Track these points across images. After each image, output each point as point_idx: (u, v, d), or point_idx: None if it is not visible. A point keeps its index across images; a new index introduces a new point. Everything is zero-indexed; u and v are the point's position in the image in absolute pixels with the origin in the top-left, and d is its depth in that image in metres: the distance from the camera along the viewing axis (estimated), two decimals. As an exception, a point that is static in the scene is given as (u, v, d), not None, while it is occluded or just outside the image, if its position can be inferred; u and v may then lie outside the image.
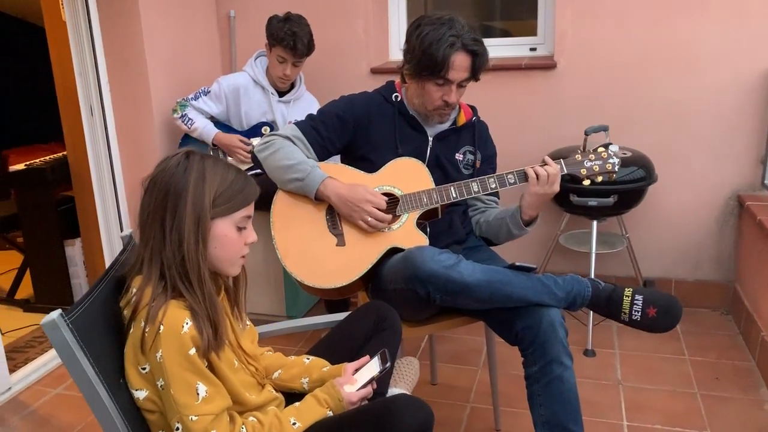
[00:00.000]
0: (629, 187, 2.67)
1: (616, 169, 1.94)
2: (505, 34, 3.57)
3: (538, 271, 3.11)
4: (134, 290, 1.27)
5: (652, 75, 2.91)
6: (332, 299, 2.51)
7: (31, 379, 2.65)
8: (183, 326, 1.21)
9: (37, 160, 3.37)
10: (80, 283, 3.33)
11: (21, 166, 3.31)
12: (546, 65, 3.00)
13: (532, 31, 3.23)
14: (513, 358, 1.84)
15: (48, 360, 2.76)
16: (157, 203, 1.25)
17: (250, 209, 1.35)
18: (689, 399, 2.41)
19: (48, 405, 2.50)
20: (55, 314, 1.13)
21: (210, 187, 1.26)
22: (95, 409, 1.17)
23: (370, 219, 1.91)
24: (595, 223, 2.80)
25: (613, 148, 2.79)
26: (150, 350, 1.21)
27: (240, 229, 1.34)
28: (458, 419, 2.35)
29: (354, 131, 2.06)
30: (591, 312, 2.67)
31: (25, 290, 3.46)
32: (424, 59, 1.89)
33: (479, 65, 1.94)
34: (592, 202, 2.68)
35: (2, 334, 2.89)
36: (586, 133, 2.77)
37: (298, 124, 2.07)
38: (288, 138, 2.01)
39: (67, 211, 3.28)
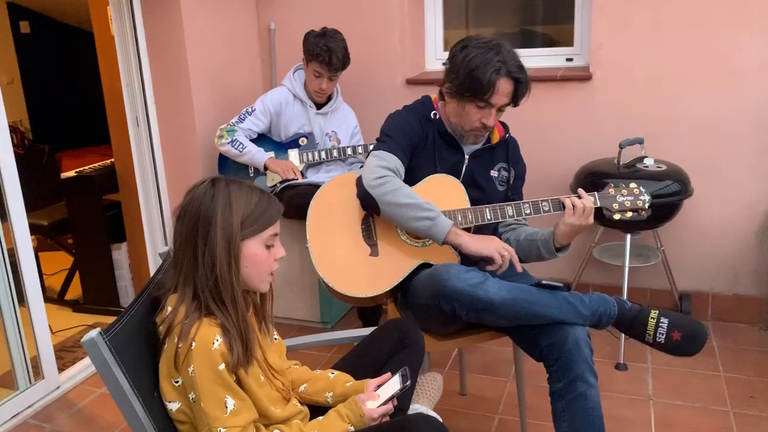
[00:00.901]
0: (664, 201, 2.65)
1: (647, 206, 1.95)
2: (546, 38, 3.57)
3: (573, 282, 3.13)
4: (169, 308, 1.35)
5: (689, 87, 2.88)
6: (363, 306, 2.57)
7: (79, 378, 2.78)
8: (213, 343, 1.28)
9: (87, 168, 3.52)
10: (126, 285, 3.47)
11: (72, 174, 3.46)
12: (581, 77, 3.00)
13: (572, 37, 3.22)
14: (541, 371, 1.86)
15: (94, 360, 2.90)
16: (188, 230, 1.33)
17: (276, 227, 1.42)
18: (721, 417, 2.39)
19: (93, 404, 2.63)
20: (94, 333, 1.21)
21: (237, 211, 1.33)
22: (130, 420, 1.25)
23: (506, 253, 1.92)
24: (629, 236, 2.78)
25: (648, 161, 2.80)
26: (182, 365, 1.29)
27: (269, 246, 1.40)
28: (486, 431, 2.38)
29: (413, 153, 2.07)
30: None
31: (74, 291, 3.62)
32: (469, 81, 1.92)
33: (521, 93, 1.97)
34: (628, 216, 2.67)
35: (52, 333, 3.04)
36: (621, 146, 2.78)
37: (387, 150, 2.01)
38: (395, 170, 1.98)
39: (113, 217, 3.42)
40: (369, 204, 1.99)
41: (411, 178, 2.07)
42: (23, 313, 2.57)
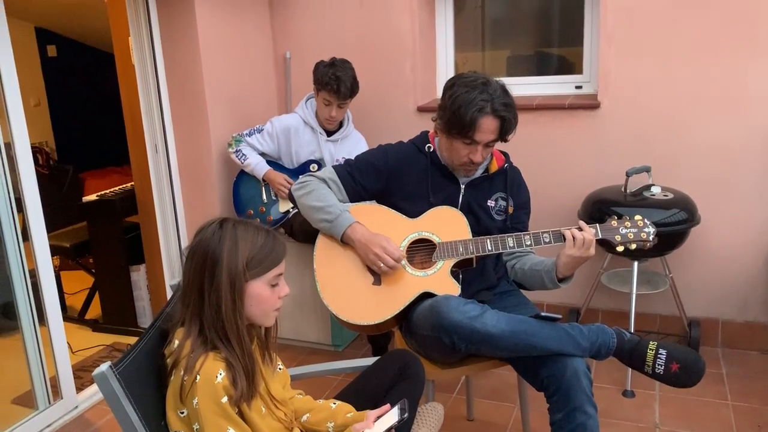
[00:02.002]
0: (671, 229, 2.67)
1: (651, 238, 1.97)
2: (562, 60, 3.62)
3: (582, 308, 3.15)
4: (176, 342, 1.42)
5: (697, 115, 2.90)
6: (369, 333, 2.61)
7: (96, 398, 2.85)
8: (217, 376, 1.35)
9: (109, 191, 3.63)
10: (144, 305, 3.57)
11: (93, 197, 3.57)
12: (590, 105, 3.04)
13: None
14: (547, 396, 1.90)
15: (111, 380, 2.98)
16: (196, 270, 1.40)
17: (280, 267, 1.48)
18: (727, 447, 2.40)
19: (110, 424, 2.70)
20: (105, 367, 1.28)
21: (242, 253, 1.40)
22: (138, 449, 1.32)
23: (380, 264, 2.01)
24: (636, 263, 2.80)
25: (655, 189, 2.82)
26: (187, 397, 1.36)
27: (273, 285, 1.46)
28: (491, 457, 2.42)
29: (387, 181, 2.17)
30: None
31: (94, 311, 3.72)
32: (454, 119, 1.99)
33: (507, 129, 2.02)
34: (632, 248, 2.70)
35: (72, 352, 3.13)
36: (628, 174, 2.81)
37: (335, 168, 2.20)
38: (323, 180, 2.16)
39: (133, 239, 3.53)
40: (295, 205, 2.22)
41: (404, 208, 2.14)
42: (43, 333, 2.64)
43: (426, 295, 2.02)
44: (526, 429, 2.32)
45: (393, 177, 2.16)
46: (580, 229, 1.96)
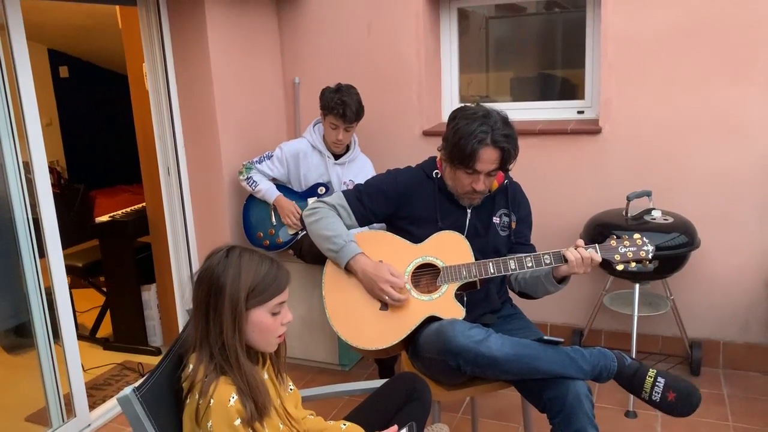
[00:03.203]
0: (671, 253, 2.72)
1: (650, 256, 2.02)
2: (565, 82, 3.69)
3: (585, 329, 3.21)
4: (191, 366, 1.48)
5: (697, 141, 2.97)
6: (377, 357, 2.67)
7: (108, 416, 2.92)
8: (230, 400, 1.41)
9: (120, 212, 3.71)
10: (154, 325, 3.63)
11: (106, 218, 3.65)
12: (591, 130, 3.11)
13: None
14: (551, 417, 1.95)
15: (123, 399, 3.03)
16: (201, 297, 1.47)
17: (283, 296, 1.53)
18: (728, 468, 2.44)
19: (121, 442, 2.76)
20: (128, 390, 1.34)
21: (245, 282, 1.46)
22: (158, 470, 1.38)
23: (386, 298, 2.08)
24: (637, 286, 2.86)
25: (656, 213, 2.88)
26: (202, 420, 1.42)
27: (275, 314, 1.52)
28: (495, 477, 2.46)
29: (396, 206, 2.24)
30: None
31: (105, 329, 3.79)
32: (455, 150, 2.07)
33: (507, 159, 2.10)
34: (632, 267, 2.75)
35: (84, 370, 3.19)
36: (629, 199, 2.87)
37: (345, 193, 2.27)
38: (333, 207, 2.23)
39: (144, 259, 3.60)
40: (305, 229, 2.28)
41: (413, 232, 2.21)
42: (57, 351, 2.69)
43: (432, 319, 2.08)
44: (529, 451, 2.37)
45: (402, 202, 2.24)
46: (576, 247, 2.01)
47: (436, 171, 2.26)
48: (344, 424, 1.72)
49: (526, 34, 3.72)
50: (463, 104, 2.22)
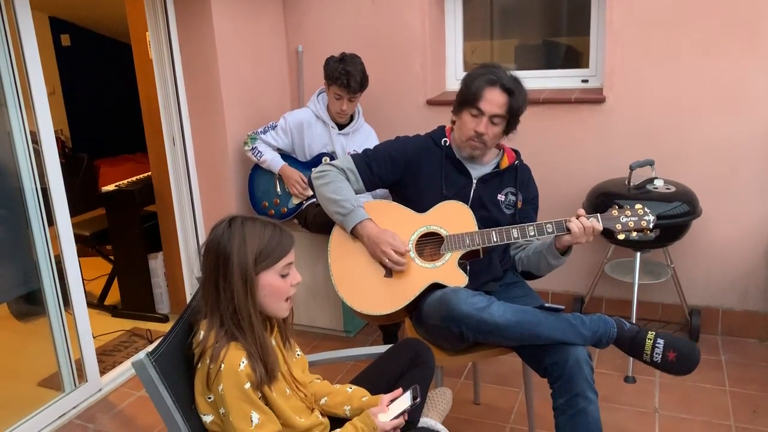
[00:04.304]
0: (672, 221, 2.75)
1: (651, 226, 2.04)
2: (569, 50, 3.68)
3: (586, 296, 3.25)
4: (202, 333, 1.53)
5: (700, 112, 2.98)
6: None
7: (119, 381, 2.99)
8: (240, 365, 1.46)
9: (125, 181, 3.74)
10: (161, 292, 3.69)
11: (112, 187, 3.68)
12: (595, 99, 3.11)
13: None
14: (551, 382, 2.00)
15: (133, 364, 3.10)
16: (210, 266, 1.51)
17: (290, 257, 1.58)
18: (723, 431, 2.49)
19: (133, 406, 2.83)
20: (142, 355, 1.39)
21: (251, 248, 1.50)
22: (172, 430, 1.43)
23: (386, 260, 2.13)
24: (638, 254, 2.89)
25: (658, 182, 2.90)
26: (213, 384, 1.47)
27: (284, 275, 1.57)
28: (496, 439, 2.53)
29: (403, 172, 2.27)
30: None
31: (113, 297, 3.84)
32: (462, 93, 2.17)
33: (515, 105, 2.13)
34: (634, 236, 2.78)
35: (94, 337, 3.25)
36: (631, 168, 2.89)
37: (353, 157, 2.31)
38: (342, 170, 2.26)
39: (150, 228, 3.64)
40: (314, 192, 2.33)
41: (418, 200, 2.24)
42: (68, 318, 2.76)
43: (435, 286, 2.12)
44: (530, 413, 2.43)
45: (409, 168, 2.27)
46: (578, 216, 2.04)
47: (444, 139, 2.29)
48: (350, 388, 1.78)
49: (530, 0, 3.69)
50: None
